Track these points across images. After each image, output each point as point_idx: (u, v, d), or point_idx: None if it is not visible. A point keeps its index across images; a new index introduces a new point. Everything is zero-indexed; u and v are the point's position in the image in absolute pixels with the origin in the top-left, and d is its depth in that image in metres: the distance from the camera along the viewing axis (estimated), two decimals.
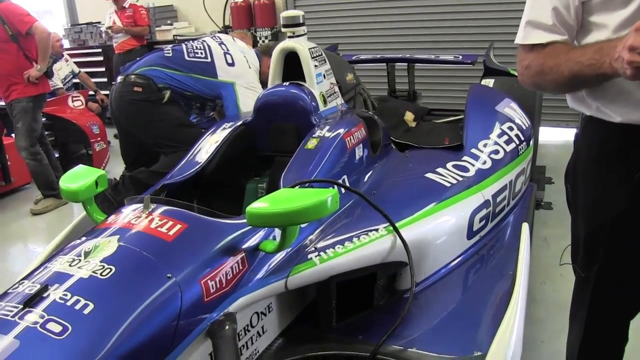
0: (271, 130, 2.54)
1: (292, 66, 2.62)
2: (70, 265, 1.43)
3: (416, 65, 4.65)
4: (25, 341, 1.20)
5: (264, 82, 3.05)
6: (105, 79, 7.51)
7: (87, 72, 6.72)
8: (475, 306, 1.99)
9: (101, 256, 1.44)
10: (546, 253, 3.15)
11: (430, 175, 2.40)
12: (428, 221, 2.14)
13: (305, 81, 2.56)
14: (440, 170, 2.44)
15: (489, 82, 3.56)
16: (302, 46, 2.57)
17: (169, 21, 7.82)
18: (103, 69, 7.67)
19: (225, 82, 3.14)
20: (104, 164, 5.46)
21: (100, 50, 7.74)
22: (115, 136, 6.57)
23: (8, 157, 4.93)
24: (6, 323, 1.25)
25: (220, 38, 3.39)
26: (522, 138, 2.84)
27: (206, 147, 2.46)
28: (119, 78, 3.22)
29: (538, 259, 3.02)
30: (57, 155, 5.31)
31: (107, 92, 6.68)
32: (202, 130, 2.86)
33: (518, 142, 2.79)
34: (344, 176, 2.18)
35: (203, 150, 2.46)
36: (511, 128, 2.83)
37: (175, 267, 1.45)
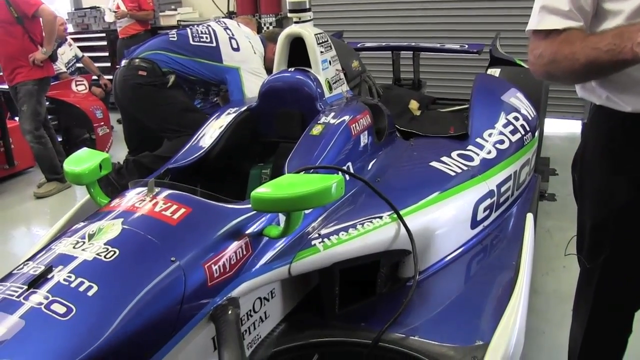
0: (276, 116, 2.52)
1: (298, 52, 2.60)
2: (74, 247, 1.43)
3: (421, 53, 4.62)
4: (30, 321, 1.20)
5: (269, 69, 3.03)
6: (108, 64, 7.48)
7: (91, 57, 6.69)
8: (477, 296, 1.99)
9: (105, 239, 1.44)
10: (549, 244, 3.15)
11: (434, 164, 2.39)
12: (432, 210, 2.14)
13: (310, 67, 2.55)
14: (445, 159, 2.43)
15: (495, 72, 3.54)
16: (308, 32, 2.55)
17: (173, 6, 7.78)
18: (106, 54, 7.63)
19: (230, 67, 3.12)
20: (107, 149, 5.46)
21: (104, 34, 7.70)
22: (118, 121, 6.56)
23: (11, 141, 4.93)
24: (11, 303, 1.26)
25: (225, 23, 3.37)
26: (528, 128, 2.83)
27: (210, 132, 2.45)
28: (123, 62, 3.20)
29: (541, 251, 3.01)
30: (60, 139, 5.31)
31: (111, 77, 6.71)
32: (206, 115, 2.85)
33: (523, 133, 2.78)
34: (349, 163, 2.18)
35: (207, 135, 2.44)
36: (517, 118, 2.82)
37: (179, 251, 1.45)
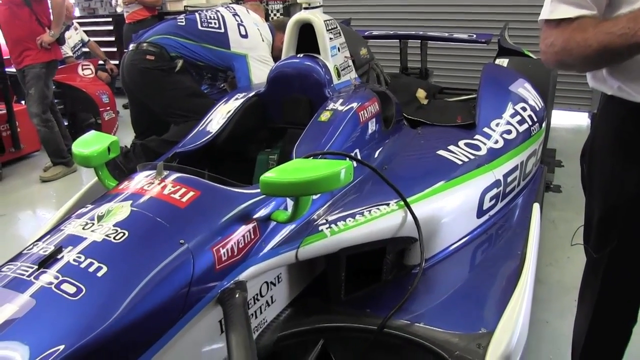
0: (284, 102, 2.52)
1: (307, 38, 2.59)
2: (83, 228, 1.44)
3: (429, 43, 4.60)
4: (40, 300, 1.22)
5: (276, 58, 3.02)
6: (114, 49, 7.47)
7: (97, 42, 6.69)
8: (482, 284, 1.99)
9: (114, 220, 1.45)
10: (554, 235, 3.15)
11: (442, 152, 2.39)
12: (438, 198, 2.14)
13: (319, 54, 2.54)
14: (452, 147, 2.43)
15: (503, 62, 3.53)
16: (318, 18, 2.54)
17: None
18: (113, 39, 7.62)
19: (237, 54, 3.11)
20: (113, 133, 5.46)
21: (110, 19, 7.68)
22: (124, 106, 6.57)
23: (17, 124, 4.94)
24: (21, 282, 1.27)
25: (234, 9, 3.36)
26: (535, 119, 2.82)
27: (218, 117, 2.45)
28: (131, 46, 3.19)
29: (545, 241, 3.02)
30: (66, 123, 5.32)
31: (117, 62, 6.70)
32: (214, 101, 2.85)
33: (531, 123, 2.77)
34: (356, 150, 2.18)
35: (215, 119, 2.45)
36: (524, 108, 2.82)
37: (188, 234, 1.45)
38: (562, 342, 2.16)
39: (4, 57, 4.82)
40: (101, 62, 6.33)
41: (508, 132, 2.63)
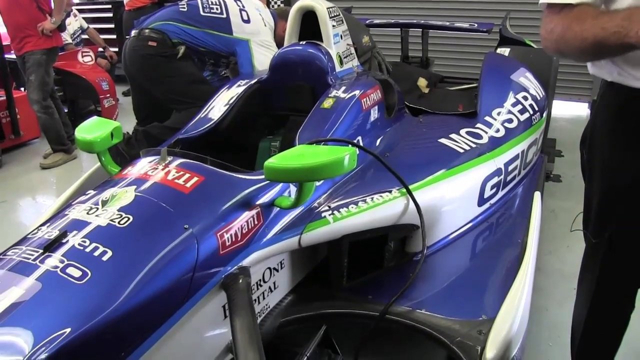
0: (286, 89, 2.52)
1: (309, 26, 2.59)
2: (88, 213, 1.44)
3: (430, 31, 4.59)
4: (46, 284, 1.22)
5: (279, 46, 3.02)
6: (114, 36, 7.43)
7: (96, 29, 6.64)
8: (483, 272, 2.01)
9: (119, 205, 1.45)
10: (553, 224, 3.16)
11: (443, 140, 2.40)
12: (440, 186, 2.15)
13: (322, 41, 2.53)
14: (453, 136, 2.44)
15: (505, 51, 3.52)
16: (321, 5, 2.53)
17: None
18: (112, 26, 7.57)
19: (240, 39, 3.11)
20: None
21: (109, 6, 7.63)
22: (123, 93, 6.55)
23: (17, 111, 4.92)
24: (27, 266, 1.28)
25: None
26: (536, 108, 2.83)
27: (220, 104, 2.45)
28: (133, 32, 3.18)
29: (545, 230, 3.03)
30: (66, 110, 5.30)
31: (116, 49, 6.67)
32: (216, 87, 2.85)
33: (532, 112, 2.78)
34: (359, 137, 2.18)
35: (217, 106, 2.45)
36: (526, 98, 2.82)
37: (192, 219, 1.46)
38: (562, 329, 2.18)
39: (4, 44, 4.80)
40: (101, 49, 6.29)
41: (509, 121, 2.64)
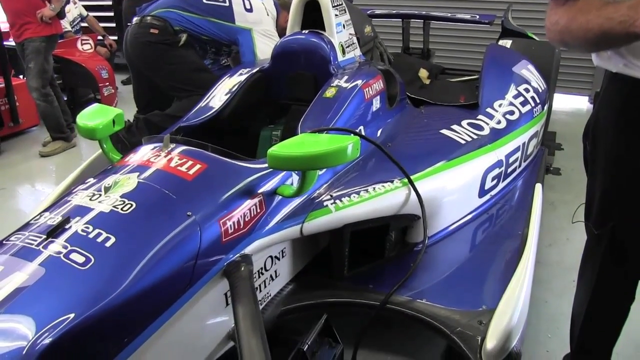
0: (288, 78, 2.52)
1: (312, 15, 2.57)
2: (90, 199, 1.44)
3: (432, 23, 4.58)
4: (50, 269, 1.22)
5: (281, 37, 3.01)
6: (113, 24, 7.39)
7: (95, 17, 6.61)
8: (483, 263, 2.02)
9: (121, 192, 1.45)
10: (553, 217, 3.16)
11: (445, 131, 2.40)
12: (441, 177, 2.15)
13: (324, 30, 2.52)
14: (455, 127, 2.44)
15: (507, 43, 3.52)
16: None
17: None
18: (111, 14, 7.53)
19: (242, 28, 3.09)
20: None
21: None
22: (122, 82, 6.53)
23: (16, 98, 4.90)
24: (30, 251, 1.27)
25: None
26: (538, 101, 2.83)
27: (222, 92, 2.44)
28: (135, 19, 3.16)
29: (545, 223, 3.03)
30: (65, 98, 5.28)
31: (115, 38, 6.64)
32: (217, 76, 2.83)
33: (533, 105, 2.78)
34: (361, 127, 2.18)
35: (219, 95, 2.44)
36: (527, 90, 2.82)
37: (195, 206, 1.46)
38: (560, 321, 2.19)
39: (3, 30, 4.77)
40: (100, 38, 6.26)
41: (511, 113, 2.64)
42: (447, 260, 2.05)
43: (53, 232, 1.32)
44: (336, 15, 2.52)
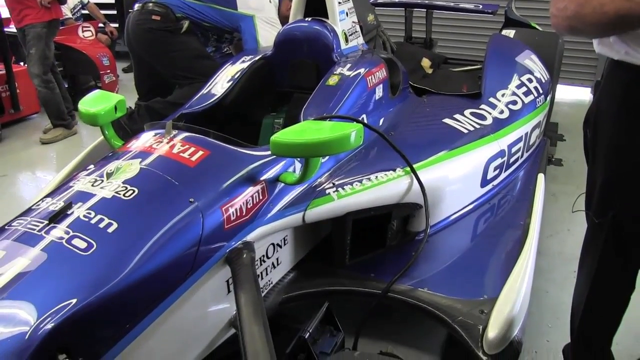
0: (291, 65, 2.50)
1: (314, 3, 2.56)
2: (92, 185, 1.44)
3: (435, 12, 4.55)
4: (52, 254, 1.22)
5: (284, 25, 2.99)
6: (114, 11, 7.35)
7: (96, 4, 6.57)
8: (485, 253, 2.02)
9: (123, 178, 1.45)
10: (554, 208, 3.16)
11: (447, 120, 2.39)
12: (443, 166, 2.15)
13: (327, 18, 2.51)
14: (457, 116, 2.43)
15: (510, 33, 3.50)
16: None
17: None
18: (112, 1, 7.49)
19: (244, 15, 3.07)
20: None
21: None
22: (123, 70, 6.51)
23: (17, 85, 4.88)
24: (32, 236, 1.27)
25: None
26: (541, 91, 2.82)
27: (224, 79, 2.43)
28: (137, 6, 3.14)
29: (546, 214, 3.03)
30: (66, 86, 5.25)
31: (116, 25, 6.61)
32: (219, 63, 2.82)
33: (536, 95, 2.77)
34: (363, 115, 2.17)
35: (221, 82, 2.42)
36: (530, 80, 2.81)
37: (197, 193, 1.46)
38: (561, 311, 2.19)
39: (3, 17, 4.74)
40: (101, 25, 6.22)
41: (513, 103, 2.63)
42: (449, 249, 2.05)
43: (55, 218, 1.32)
44: (339, 2, 2.50)
